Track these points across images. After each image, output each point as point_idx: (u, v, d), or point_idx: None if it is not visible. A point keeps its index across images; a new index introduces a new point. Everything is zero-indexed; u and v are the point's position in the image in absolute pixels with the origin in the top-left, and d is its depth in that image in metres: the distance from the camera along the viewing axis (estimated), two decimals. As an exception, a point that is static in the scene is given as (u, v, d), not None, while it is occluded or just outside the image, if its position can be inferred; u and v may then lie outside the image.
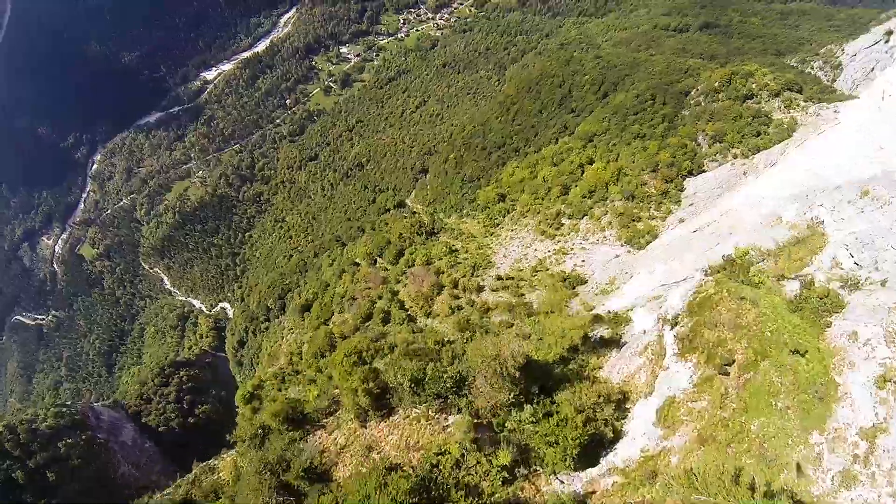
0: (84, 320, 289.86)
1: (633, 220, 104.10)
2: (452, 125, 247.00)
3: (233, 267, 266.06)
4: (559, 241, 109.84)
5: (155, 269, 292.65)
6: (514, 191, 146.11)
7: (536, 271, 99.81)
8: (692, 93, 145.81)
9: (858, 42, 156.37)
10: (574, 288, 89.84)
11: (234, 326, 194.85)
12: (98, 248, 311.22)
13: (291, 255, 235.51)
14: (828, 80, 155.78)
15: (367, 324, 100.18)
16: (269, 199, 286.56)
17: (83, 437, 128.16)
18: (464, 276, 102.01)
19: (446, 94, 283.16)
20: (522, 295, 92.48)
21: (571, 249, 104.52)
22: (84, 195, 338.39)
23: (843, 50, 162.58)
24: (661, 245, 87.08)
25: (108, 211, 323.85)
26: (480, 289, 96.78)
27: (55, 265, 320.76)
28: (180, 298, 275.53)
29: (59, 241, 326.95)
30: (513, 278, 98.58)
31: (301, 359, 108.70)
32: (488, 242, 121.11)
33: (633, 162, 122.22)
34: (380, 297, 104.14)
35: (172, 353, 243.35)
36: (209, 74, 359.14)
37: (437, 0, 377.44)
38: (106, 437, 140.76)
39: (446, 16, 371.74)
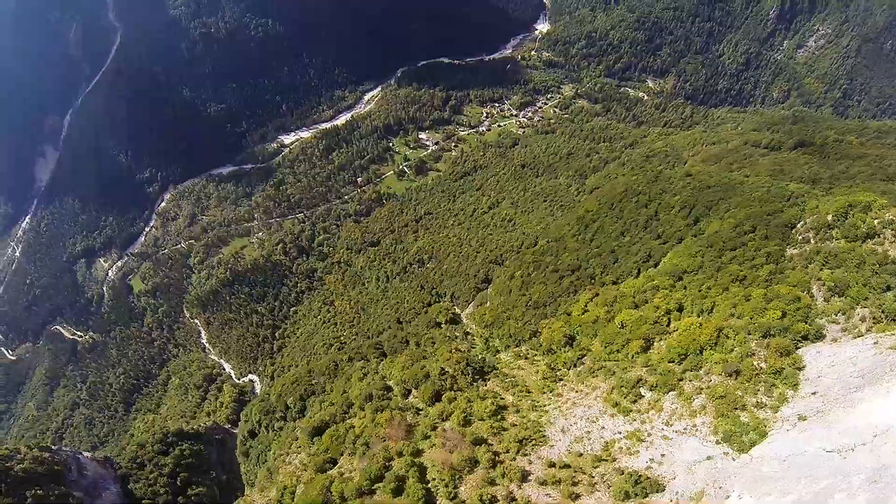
0: (116, 351, 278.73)
1: (736, 408, 77.32)
2: (524, 234, 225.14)
3: (270, 340, 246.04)
4: (635, 421, 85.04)
5: (195, 321, 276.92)
6: (586, 333, 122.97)
7: (600, 461, 75.72)
8: (798, 226, 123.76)
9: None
10: (647, 496, 66.05)
11: (248, 414, 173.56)
12: (147, 284, 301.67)
13: (332, 345, 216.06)
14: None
15: (374, 487, 77.30)
16: (322, 278, 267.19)
17: (56, 491, 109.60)
18: (507, 451, 78.72)
19: (521, 197, 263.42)
20: (577, 496, 68.82)
21: (649, 436, 79.57)
22: (147, 229, 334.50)
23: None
24: (775, 457, 62.02)
25: (165, 250, 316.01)
26: (525, 476, 73.04)
27: (104, 288, 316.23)
28: (213, 357, 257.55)
29: (114, 267, 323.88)
30: (569, 466, 74.68)
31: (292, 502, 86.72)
32: (545, 403, 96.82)
33: (734, 316, 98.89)
34: (399, 455, 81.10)
35: (189, 413, 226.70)
36: (287, 139, 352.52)
37: (522, 97, 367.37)
38: (82, 495, 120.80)
39: (530, 114, 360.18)
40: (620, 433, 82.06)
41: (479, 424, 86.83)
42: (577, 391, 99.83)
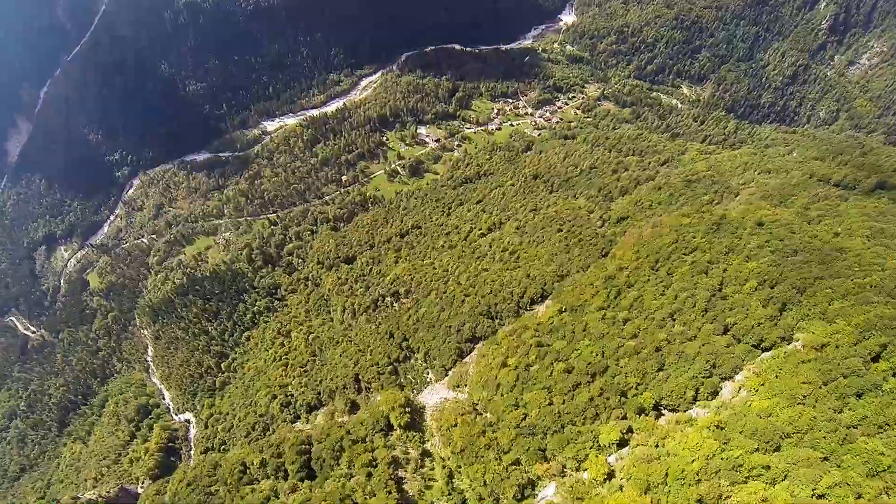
0: (62, 356, 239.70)
1: None
2: (529, 277, 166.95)
3: (214, 373, 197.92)
4: None
5: (144, 331, 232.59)
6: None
7: None
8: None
9: None
10: None
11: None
12: (103, 282, 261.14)
13: (275, 396, 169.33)
14: None
15: None
16: (284, 298, 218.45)
17: None
18: None
19: (530, 221, 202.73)
20: None
21: None
22: (111, 218, 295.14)
23: None
24: None
25: (126, 244, 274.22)
26: None
27: (62, 281, 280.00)
28: (154, 381, 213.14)
29: (74, 258, 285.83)
30: None
31: None
32: None
33: None
34: None
35: (113, 455, 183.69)
36: (270, 125, 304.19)
37: (540, 94, 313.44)
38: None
39: (548, 114, 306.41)
40: None
41: None
42: None
